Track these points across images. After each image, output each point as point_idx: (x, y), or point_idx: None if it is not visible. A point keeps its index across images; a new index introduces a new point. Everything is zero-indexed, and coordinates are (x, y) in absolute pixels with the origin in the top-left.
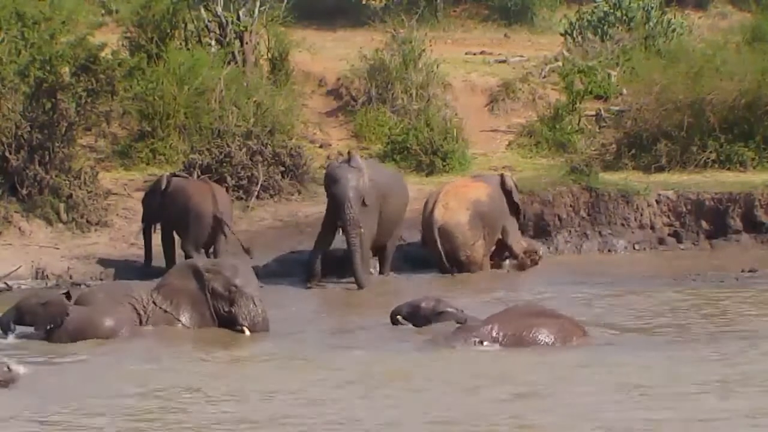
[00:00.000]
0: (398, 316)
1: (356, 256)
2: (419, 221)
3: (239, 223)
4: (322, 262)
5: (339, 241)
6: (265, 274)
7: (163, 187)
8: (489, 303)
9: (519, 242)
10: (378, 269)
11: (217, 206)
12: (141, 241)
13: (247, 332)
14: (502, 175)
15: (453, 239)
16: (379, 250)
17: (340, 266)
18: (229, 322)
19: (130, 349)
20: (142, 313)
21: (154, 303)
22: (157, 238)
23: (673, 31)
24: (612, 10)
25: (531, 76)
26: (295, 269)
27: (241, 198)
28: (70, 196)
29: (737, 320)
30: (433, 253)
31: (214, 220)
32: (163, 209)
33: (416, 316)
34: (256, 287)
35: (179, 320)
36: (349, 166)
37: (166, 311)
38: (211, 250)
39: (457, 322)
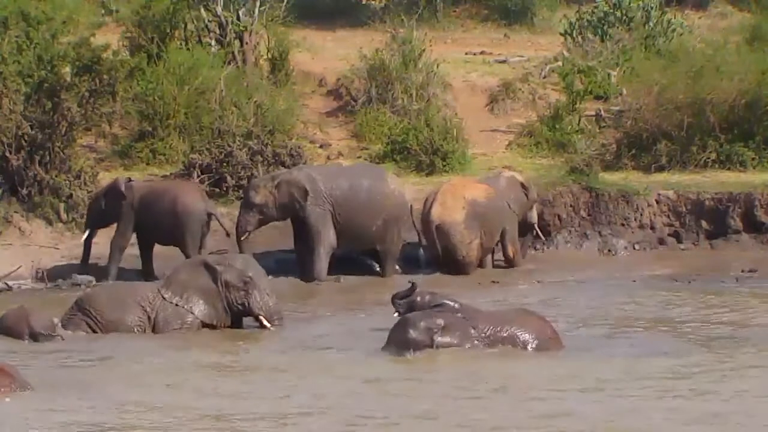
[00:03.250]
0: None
1: None
2: (417, 221)
3: None
4: None
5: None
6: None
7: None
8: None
9: (515, 245)
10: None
11: (208, 203)
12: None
13: (265, 322)
14: (510, 174)
15: (449, 238)
16: (374, 253)
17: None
18: (241, 315)
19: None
20: (149, 309)
21: (163, 298)
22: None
23: (673, 31)
24: (612, 10)
25: (531, 76)
26: (294, 268)
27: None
28: (70, 196)
29: (737, 320)
30: (432, 251)
31: (208, 217)
32: (138, 215)
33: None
34: (267, 279)
35: (192, 313)
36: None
37: (177, 305)
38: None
39: None
